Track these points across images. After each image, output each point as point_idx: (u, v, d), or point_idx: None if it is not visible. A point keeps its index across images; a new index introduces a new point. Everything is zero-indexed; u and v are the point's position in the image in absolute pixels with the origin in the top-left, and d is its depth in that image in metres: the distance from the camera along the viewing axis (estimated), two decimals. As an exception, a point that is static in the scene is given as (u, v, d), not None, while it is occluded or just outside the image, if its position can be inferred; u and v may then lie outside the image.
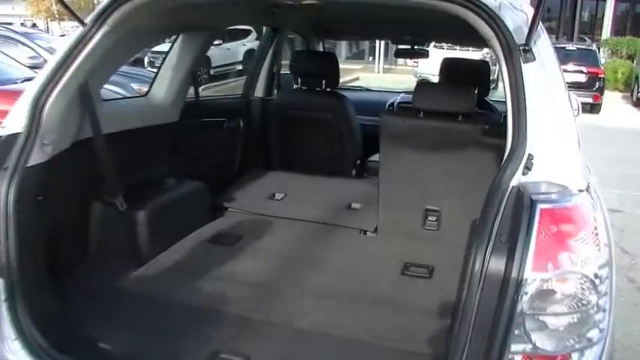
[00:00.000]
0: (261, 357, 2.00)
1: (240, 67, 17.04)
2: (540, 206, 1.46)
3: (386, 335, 2.15)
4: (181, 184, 3.01)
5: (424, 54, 4.85)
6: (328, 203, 3.48)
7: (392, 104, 4.92)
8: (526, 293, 1.44)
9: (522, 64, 1.69)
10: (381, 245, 3.01)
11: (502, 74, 1.74)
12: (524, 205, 1.48)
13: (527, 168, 1.57)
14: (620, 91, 18.46)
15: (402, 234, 3.11)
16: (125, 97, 3.02)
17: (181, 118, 3.21)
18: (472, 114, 2.87)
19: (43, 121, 2.00)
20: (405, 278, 2.65)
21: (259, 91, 4.13)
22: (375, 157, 4.31)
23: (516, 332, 1.45)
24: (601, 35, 22.59)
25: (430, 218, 3.05)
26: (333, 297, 2.41)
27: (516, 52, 1.70)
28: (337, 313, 2.29)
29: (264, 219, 3.31)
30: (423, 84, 2.98)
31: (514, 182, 1.56)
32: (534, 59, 1.70)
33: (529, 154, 1.59)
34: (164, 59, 3.16)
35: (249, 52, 16.20)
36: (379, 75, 20.11)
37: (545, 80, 1.72)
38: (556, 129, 1.66)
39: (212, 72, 15.61)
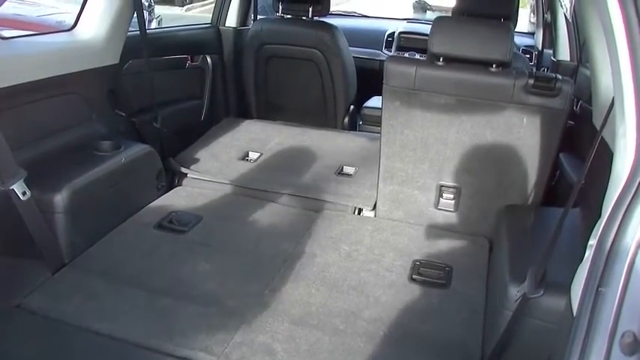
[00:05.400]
0: None
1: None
2: None
3: None
4: (120, 150, 2.29)
5: None
6: (314, 166, 2.82)
7: (392, 34, 4.20)
8: None
9: None
10: (381, 232, 2.32)
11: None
12: None
13: None
14: None
15: (407, 215, 2.42)
16: (38, 34, 2.23)
17: (124, 59, 2.52)
18: (509, 62, 2.11)
19: None
20: (415, 288, 1.97)
21: (232, 20, 3.51)
22: (372, 103, 3.65)
23: None
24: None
25: (445, 196, 2.36)
26: (312, 326, 1.73)
27: None
28: (317, 353, 1.63)
29: (232, 190, 2.61)
30: (442, 19, 2.20)
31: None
32: None
33: None
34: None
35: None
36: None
37: None
38: None
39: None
